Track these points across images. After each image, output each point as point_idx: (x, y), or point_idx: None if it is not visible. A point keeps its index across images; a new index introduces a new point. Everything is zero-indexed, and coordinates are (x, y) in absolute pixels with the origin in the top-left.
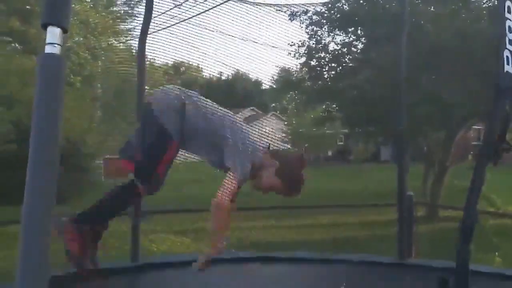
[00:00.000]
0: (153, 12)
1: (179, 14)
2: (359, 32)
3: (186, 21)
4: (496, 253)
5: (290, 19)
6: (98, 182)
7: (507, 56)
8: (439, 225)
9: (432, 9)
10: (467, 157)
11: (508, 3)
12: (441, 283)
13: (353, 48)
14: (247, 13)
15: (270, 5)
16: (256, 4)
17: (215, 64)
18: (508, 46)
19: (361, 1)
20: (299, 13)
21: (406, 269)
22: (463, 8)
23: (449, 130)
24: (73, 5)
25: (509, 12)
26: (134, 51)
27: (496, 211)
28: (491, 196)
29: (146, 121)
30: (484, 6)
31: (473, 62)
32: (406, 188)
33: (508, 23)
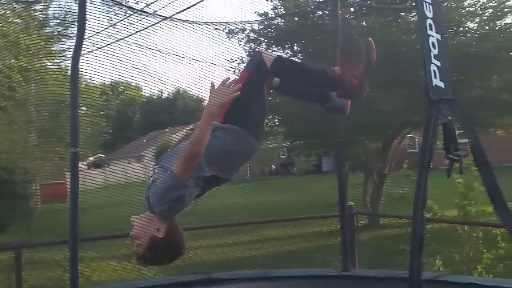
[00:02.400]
0: (88, 32)
1: (114, 34)
2: (295, 48)
3: (123, 40)
4: (438, 256)
5: (228, 37)
6: (36, 209)
7: (434, 70)
8: (381, 232)
9: (364, 23)
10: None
11: (429, 21)
12: None
13: None
14: (184, 31)
15: (207, 23)
16: (193, 23)
17: (154, 82)
18: (434, 60)
19: (296, 18)
20: (236, 31)
21: (350, 281)
22: (393, 22)
23: (386, 139)
24: (3, 27)
25: (431, 29)
26: (68, 72)
27: (433, 216)
28: (428, 202)
29: None
30: (412, 19)
31: (405, 73)
32: (347, 199)
33: (431, 39)
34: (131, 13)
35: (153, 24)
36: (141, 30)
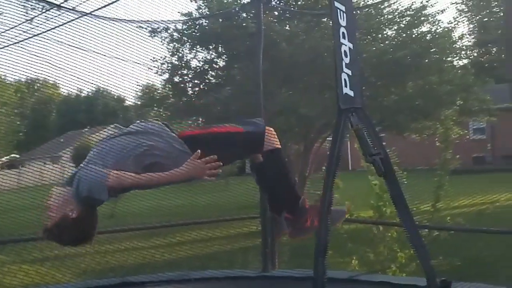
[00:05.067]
0: (2, 26)
1: (31, 29)
2: (220, 49)
3: (40, 36)
4: (354, 257)
5: (151, 35)
6: None
7: (344, 79)
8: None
9: (287, 27)
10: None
11: (342, 29)
12: None
13: (214, 65)
14: (106, 29)
15: (129, 21)
16: (115, 20)
17: (73, 80)
18: (345, 69)
19: (220, 20)
20: (159, 30)
21: (270, 281)
22: (315, 27)
23: (307, 141)
24: None
25: (344, 37)
26: None
27: (350, 217)
28: (345, 203)
29: None
30: None
31: (325, 77)
32: None
33: (343, 47)
34: (49, 7)
35: (72, 20)
36: (59, 25)
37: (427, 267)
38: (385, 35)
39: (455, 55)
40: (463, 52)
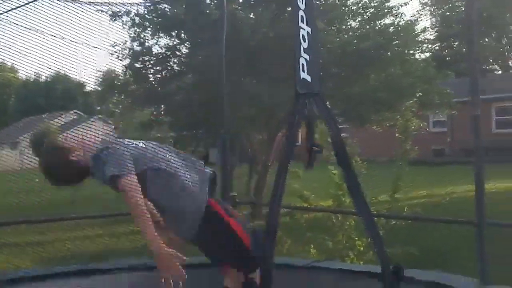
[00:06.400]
0: None
1: None
2: (182, 36)
3: None
4: (312, 245)
5: (111, 19)
6: None
7: (302, 64)
8: (262, 222)
9: (252, 15)
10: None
11: (301, 12)
12: None
13: (177, 52)
14: (64, 11)
15: (89, 3)
16: (74, 2)
17: (31, 64)
18: (303, 54)
19: (183, 6)
20: (120, 14)
21: None
22: (281, 15)
23: (271, 131)
24: None
25: (302, 21)
26: None
27: (309, 206)
28: (304, 193)
29: None
30: None
31: (289, 65)
32: (229, 189)
33: (302, 32)
34: None
35: (29, 2)
36: (16, 8)
37: (382, 255)
38: (349, 26)
39: (417, 48)
40: (425, 45)
